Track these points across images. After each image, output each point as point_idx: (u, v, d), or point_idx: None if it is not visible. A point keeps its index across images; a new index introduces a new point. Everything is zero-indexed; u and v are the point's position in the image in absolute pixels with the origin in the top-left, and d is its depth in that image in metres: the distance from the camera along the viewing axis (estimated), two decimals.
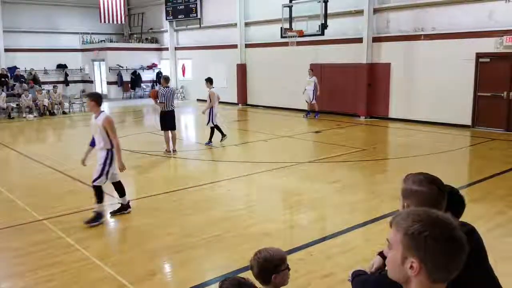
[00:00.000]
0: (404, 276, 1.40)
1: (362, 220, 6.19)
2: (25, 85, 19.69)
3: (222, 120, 12.07)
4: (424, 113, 14.78)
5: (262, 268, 2.55)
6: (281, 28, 16.25)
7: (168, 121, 10.78)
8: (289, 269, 2.61)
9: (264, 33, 19.63)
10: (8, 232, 6.01)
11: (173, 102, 10.85)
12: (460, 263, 1.36)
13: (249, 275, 2.71)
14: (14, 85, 20.11)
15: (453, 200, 2.16)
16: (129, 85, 25.53)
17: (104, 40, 26.46)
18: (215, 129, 11.77)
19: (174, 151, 10.90)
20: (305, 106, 17.28)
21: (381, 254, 2.22)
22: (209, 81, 11.76)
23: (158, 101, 10.62)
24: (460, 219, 2.22)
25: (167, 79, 10.95)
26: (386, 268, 1.52)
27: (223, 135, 11.88)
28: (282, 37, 16.38)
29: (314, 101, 16.72)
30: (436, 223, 1.36)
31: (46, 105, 18.41)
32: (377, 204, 6.95)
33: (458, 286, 1.66)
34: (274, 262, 2.55)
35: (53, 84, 21.25)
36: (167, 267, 5.17)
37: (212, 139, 11.81)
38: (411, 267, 1.36)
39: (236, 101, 21.30)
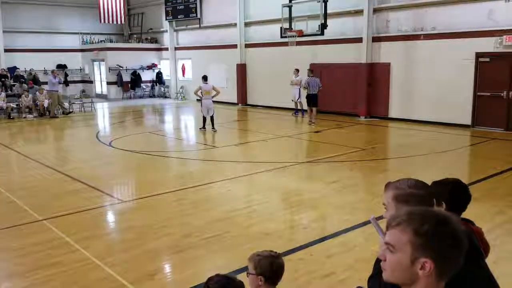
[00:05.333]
0: (410, 277, 1.36)
1: (362, 220, 6.18)
2: (25, 85, 19.65)
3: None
4: (424, 113, 14.77)
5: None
6: (281, 28, 16.24)
7: (311, 100, 15.06)
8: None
9: (264, 33, 19.62)
10: (8, 232, 6.00)
11: (316, 88, 14.93)
12: (462, 259, 1.36)
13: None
14: (14, 85, 20.09)
15: (463, 194, 2.22)
16: (129, 85, 25.52)
17: (104, 40, 26.45)
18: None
19: (313, 122, 14.94)
20: (305, 106, 17.27)
21: None
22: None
23: (303, 86, 15.58)
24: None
25: (310, 70, 15.41)
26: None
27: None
28: (282, 37, 16.38)
29: (300, 100, 16.85)
30: (444, 222, 1.35)
31: (46, 105, 18.38)
32: (377, 204, 6.93)
33: (456, 287, 1.66)
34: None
35: None
36: (167, 267, 5.17)
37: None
38: (422, 267, 1.33)
39: (236, 101, 21.30)
